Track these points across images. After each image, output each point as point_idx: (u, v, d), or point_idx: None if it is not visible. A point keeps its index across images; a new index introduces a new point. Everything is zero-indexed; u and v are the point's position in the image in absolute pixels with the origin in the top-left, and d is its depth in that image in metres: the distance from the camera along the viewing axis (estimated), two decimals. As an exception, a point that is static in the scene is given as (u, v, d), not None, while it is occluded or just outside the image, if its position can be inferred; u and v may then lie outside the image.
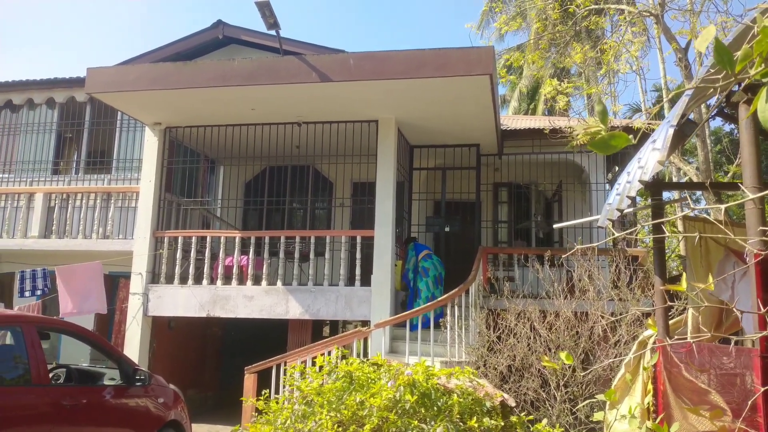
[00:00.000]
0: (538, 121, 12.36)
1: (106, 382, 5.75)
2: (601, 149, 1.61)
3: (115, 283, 9.79)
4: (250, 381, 7.55)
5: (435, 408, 2.87)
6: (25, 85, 11.43)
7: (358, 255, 8.71)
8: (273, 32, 8.48)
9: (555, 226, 4.87)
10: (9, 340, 5.41)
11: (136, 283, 9.13)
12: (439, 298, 7.85)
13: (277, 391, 7.30)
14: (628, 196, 2.85)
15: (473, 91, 7.87)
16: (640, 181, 2.71)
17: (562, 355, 2.19)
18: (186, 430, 6.34)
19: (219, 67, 8.21)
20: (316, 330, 10.72)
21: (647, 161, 2.69)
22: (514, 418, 3.09)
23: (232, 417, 9.09)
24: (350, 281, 8.84)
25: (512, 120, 13.35)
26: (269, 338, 10.68)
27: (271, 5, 7.80)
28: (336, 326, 15.39)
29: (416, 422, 2.73)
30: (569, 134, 8.24)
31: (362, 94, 8.19)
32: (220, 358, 11.79)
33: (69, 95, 11.22)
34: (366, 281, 8.60)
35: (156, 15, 65.40)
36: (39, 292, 8.71)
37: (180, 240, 9.26)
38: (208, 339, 11.41)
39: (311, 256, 9.02)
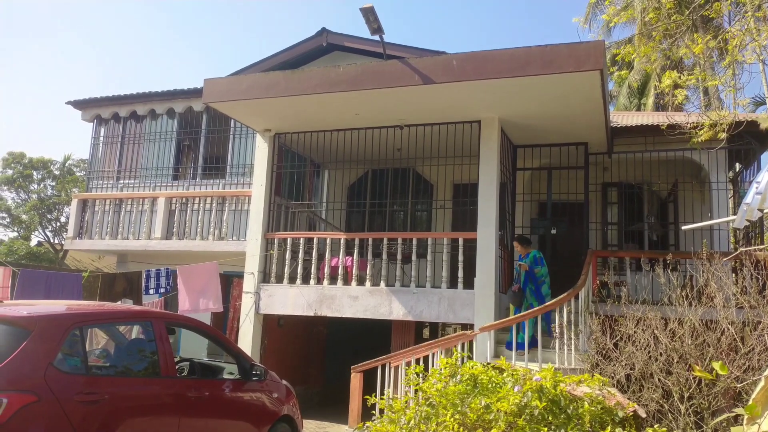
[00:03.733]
0: (651, 117, 11.70)
1: (225, 376, 6.04)
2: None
3: (229, 282, 10.32)
4: (356, 380, 7.69)
5: (563, 415, 2.77)
6: (148, 96, 12.34)
7: (461, 257, 8.63)
8: (376, 37, 8.61)
9: (684, 227, 4.53)
10: (140, 334, 5.83)
11: (249, 283, 9.58)
12: (546, 303, 7.61)
13: (382, 391, 7.40)
14: (773, 195, 2.61)
15: (582, 87, 7.58)
16: (789, 179, 2.47)
17: (716, 365, 2.04)
18: (297, 425, 6.52)
19: (325, 74, 8.43)
20: (416, 332, 10.75)
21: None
22: (649, 430, 2.91)
23: (337, 414, 9.31)
24: (452, 284, 8.77)
25: (623, 116, 12.73)
26: (372, 338, 10.84)
27: (375, 11, 7.93)
28: (436, 329, 15.35)
29: (545, 429, 2.65)
30: (689, 130, 7.71)
31: (465, 95, 8.11)
32: (324, 356, 12.11)
33: (187, 105, 11.99)
34: (469, 284, 8.50)
35: (256, 28, 68.48)
36: (162, 290, 9.36)
37: (289, 241, 9.61)
38: (314, 337, 11.75)
39: (413, 257, 9.05)
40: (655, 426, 3.03)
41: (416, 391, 3.62)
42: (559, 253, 10.51)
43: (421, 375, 3.88)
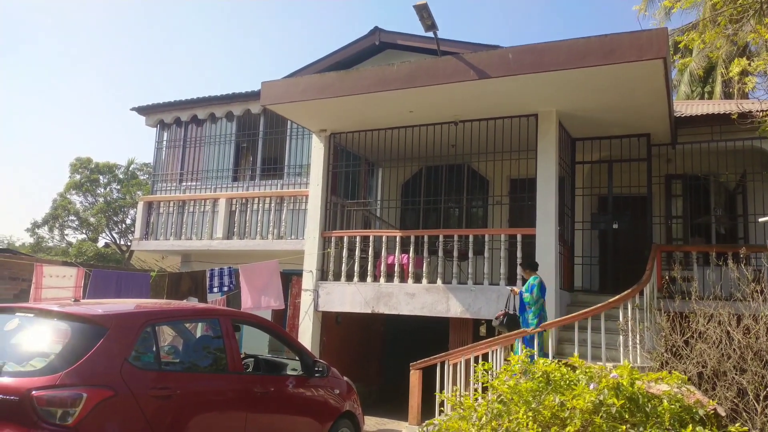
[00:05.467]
0: (717, 106, 11.22)
1: (289, 373, 6.15)
2: None
3: (289, 280, 10.52)
4: (415, 377, 7.69)
5: (641, 414, 2.70)
6: (207, 101, 12.70)
7: (519, 254, 8.51)
8: (429, 34, 8.59)
9: (761, 220, 4.32)
10: (206, 331, 6.01)
11: (307, 280, 9.74)
12: (600, 304, 7.36)
13: (442, 388, 7.37)
14: None
15: (644, 77, 7.35)
16: None
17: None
18: (359, 422, 6.59)
19: (379, 73, 8.47)
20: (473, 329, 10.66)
21: None
22: (732, 428, 2.80)
23: (396, 411, 9.35)
24: (511, 281, 8.66)
25: (686, 106, 12.27)
26: (428, 336, 10.81)
27: (428, 8, 7.91)
28: (492, 326, 15.15)
29: (624, 427, 2.59)
30: (762, 118, 7.35)
31: (521, 89, 8.00)
32: (382, 354, 12.17)
33: (245, 108, 12.28)
34: (528, 281, 8.37)
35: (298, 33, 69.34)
36: (225, 288, 9.64)
37: (345, 239, 9.73)
38: (371, 335, 11.84)
39: (470, 254, 8.98)
40: (737, 425, 2.91)
41: (485, 388, 3.59)
42: (622, 249, 10.22)
43: (482, 372, 3.84)
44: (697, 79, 18.88)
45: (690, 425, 2.65)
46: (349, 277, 9.56)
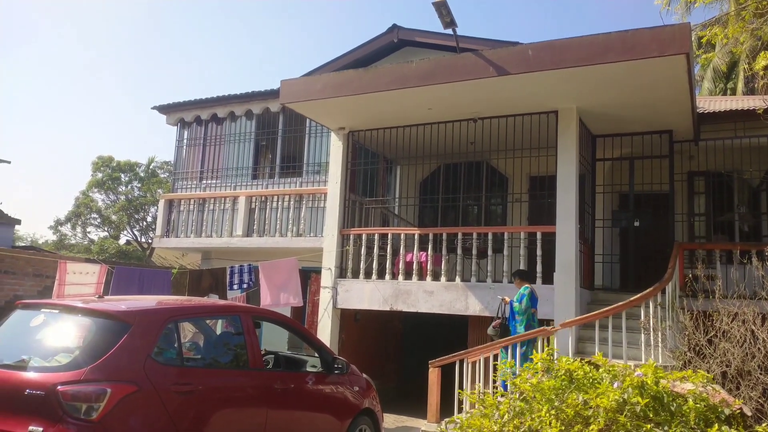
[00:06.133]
0: (741, 102, 11.04)
1: (309, 369, 6.18)
2: None
3: (308, 278, 10.58)
4: (434, 374, 7.69)
5: (666, 413, 2.68)
6: (227, 99, 12.79)
7: (539, 252, 8.45)
8: (448, 31, 8.54)
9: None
10: (227, 328, 6.06)
11: (326, 278, 9.78)
12: (621, 302, 7.27)
13: (461, 386, 7.37)
14: None
15: (666, 73, 7.25)
16: None
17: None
18: (378, 419, 6.60)
19: (398, 70, 8.46)
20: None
21: None
22: (759, 428, 2.76)
23: (414, 409, 9.35)
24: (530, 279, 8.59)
25: (709, 102, 12.08)
26: (447, 334, 10.79)
27: (447, 4, 7.88)
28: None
29: (649, 426, 2.57)
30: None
31: (541, 85, 7.93)
32: (400, 352, 12.18)
33: (264, 106, 12.34)
34: (548, 279, 8.32)
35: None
36: (245, 286, 9.72)
37: (364, 237, 9.74)
38: (389, 332, 11.85)
39: (489, 252, 8.94)
40: (763, 425, 2.87)
41: (504, 386, 3.59)
42: (643, 247, 10.09)
43: (503, 370, 3.83)
44: (721, 75, 18.60)
45: (715, 425, 2.61)
46: (368, 275, 9.57)
